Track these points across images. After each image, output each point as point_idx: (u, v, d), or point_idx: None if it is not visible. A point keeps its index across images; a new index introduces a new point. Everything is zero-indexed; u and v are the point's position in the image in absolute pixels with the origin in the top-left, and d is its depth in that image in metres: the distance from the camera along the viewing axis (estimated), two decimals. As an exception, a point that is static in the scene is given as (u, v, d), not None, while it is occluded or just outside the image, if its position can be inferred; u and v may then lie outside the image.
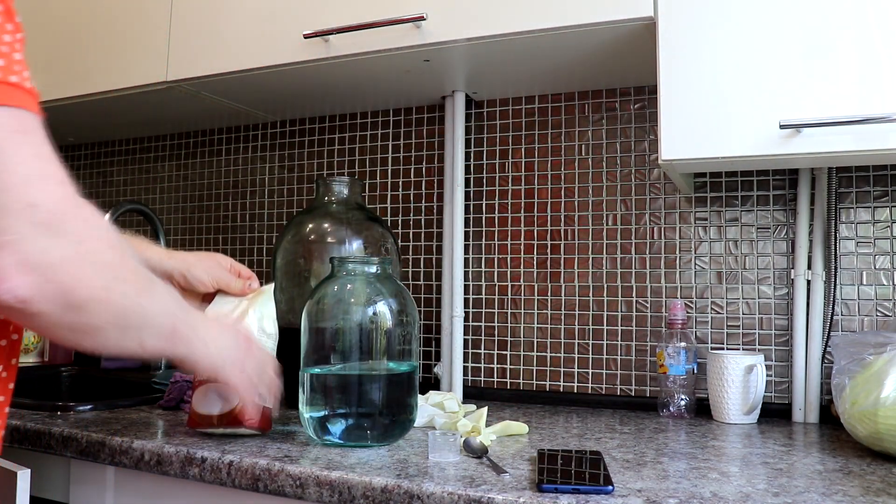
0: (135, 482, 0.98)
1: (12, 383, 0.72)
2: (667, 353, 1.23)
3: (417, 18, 1.13)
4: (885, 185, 1.21)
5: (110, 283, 0.61)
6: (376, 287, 0.99)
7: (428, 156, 1.55)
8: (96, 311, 0.61)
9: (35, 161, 0.55)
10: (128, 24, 1.43)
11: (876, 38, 0.92)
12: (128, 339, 0.67)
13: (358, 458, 0.87)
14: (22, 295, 0.55)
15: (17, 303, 0.55)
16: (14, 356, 0.72)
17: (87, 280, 0.59)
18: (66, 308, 0.58)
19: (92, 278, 0.59)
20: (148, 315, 0.69)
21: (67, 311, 0.58)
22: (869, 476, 0.83)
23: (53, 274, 0.56)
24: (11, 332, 0.70)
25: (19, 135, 0.55)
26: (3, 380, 0.71)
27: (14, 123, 0.54)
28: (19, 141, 0.54)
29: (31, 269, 0.55)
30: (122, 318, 0.64)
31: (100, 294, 0.60)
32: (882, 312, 1.20)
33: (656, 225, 1.35)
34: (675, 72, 1.02)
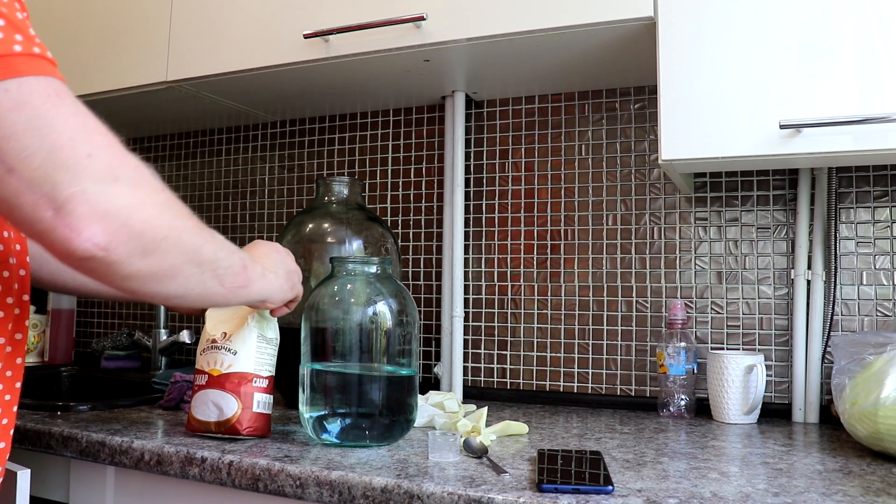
0: (135, 482, 0.98)
1: (19, 382, 0.73)
2: (667, 353, 1.23)
3: (417, 18, 1.13)
4: (885, 185, 1.21)
5: (173, 220, 0.62)
6: (376, 287, 0.99)
7: (428, 156, 1.55)
8: (170, 250, 0.62)
9: (75, 118, 0.57)
10: (128, 24, 1.43)
11: (876, 38, 0.92)
12: (207, 278, 0.69)
13: (358, 458, 0.87)
14: (100, 242, 0.56)
15: (98, 250, 0.56)
16: (19, 355, 0.72)
17: (153, 220, 0.60)
18: (142, 251, 0.59)
19: (157, 218, 0.60)
20: (216, 249, 0.70)
21: (144, 255, 0.60)
22: (869, 476, 0.83)
23: (124, 218, 0.57)
24: (14, 331, 0.71)
25: (55, 98, 0.56)
26: (8, 379, 0.71)
27: (47, 89, 0.56)
28: (56, 103, 0.56)
29: (102, 216, 0.56)
30: (194, 254, 0.66)
31: (168, 232, 0.61)
32: (882, 312, 1.20)
33: (656, 225, 1.35)
34: (675, 72, 1.02)
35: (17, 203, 0.55)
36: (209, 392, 0.95)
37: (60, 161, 0.55)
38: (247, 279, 0.77)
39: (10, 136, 0.53)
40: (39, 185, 0.54)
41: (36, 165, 0.54)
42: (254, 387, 0.95)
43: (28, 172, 0.54)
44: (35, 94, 0.55)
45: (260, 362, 0.97)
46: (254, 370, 0.96)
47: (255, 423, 0.95)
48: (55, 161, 0.54)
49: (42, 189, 0.54)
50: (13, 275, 0.71)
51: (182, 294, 0.67)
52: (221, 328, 0.98)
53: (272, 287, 0.85)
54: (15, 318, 0.71)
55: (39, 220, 0.55)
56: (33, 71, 0.56)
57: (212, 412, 0.95)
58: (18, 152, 0.54)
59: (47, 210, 0.55)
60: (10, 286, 0.70)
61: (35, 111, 0.54)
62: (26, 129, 0.54)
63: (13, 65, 0.54)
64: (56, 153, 0.55)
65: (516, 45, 1.16)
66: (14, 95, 0.54)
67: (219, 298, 0.74)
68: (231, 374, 0.95)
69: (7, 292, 0.69)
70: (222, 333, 0.98)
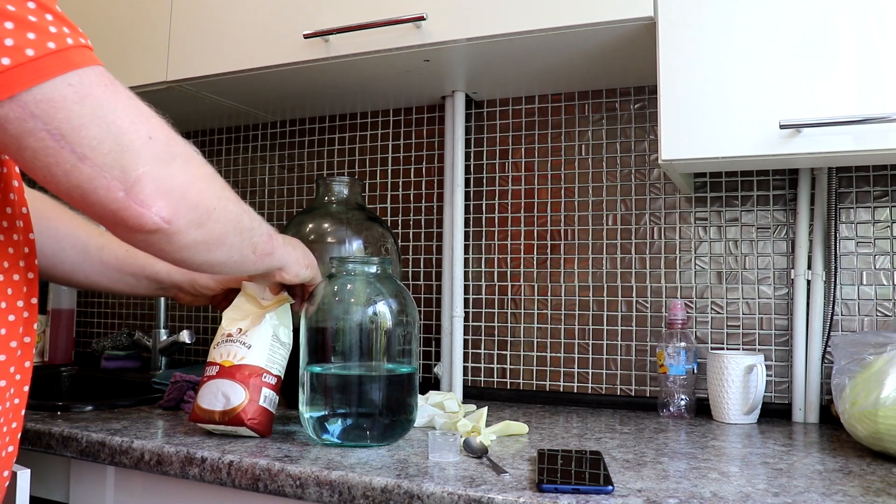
0: (135, 482, 0.98)
1: (27, 386, 0.73)
2: (667, 353, 1.23)
3: (417, 18, 1.13)
4: (885, 185, 1.21)
5: (220, 192, 0.69)
6: (376, 287, 0.99)
7: (428, 156, 1.55)
8: (219, 219, 0.69)
9: (130, 102, 0.61)
10: (128, 24, 1.43)
11: (876, 38, 0.92)
12: (245, 246, 0.76)
13: (358, 458, 0.87)
14: (166, 215, 0.62)
15: (164, 223, 0.62)
16: (28, 358, 0.72)
17: (207, 192, 0.66)
18: (199, 222, 0.66)
19: (209, 190, 0.67)
20: (251, 219, 0.77)
21: (200, 225, 0.66)
22: (869, 476, 0.83)
23: (183, 191, 0.63)
24: (24, 334, 0.71)
25: (111, 86, 0.60)
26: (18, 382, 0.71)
27: (102, 78, 0.60)
28: (112, 91, 0.60)
29: (166, 193, 0.62)
30: (237, 223, 0.73)
31: (217, 203, 0.68)
32: (882, 312, 1.20)
33: (656, 225, 1.35)
34: (675, 72, 1.02)
35: (92, 188, 0.59)
36: (218, 382, 0.95)
37: (126, 145, 0.59)
38: (272, 247, 0.84)
39: (80, 127, 0.57)
40: (110, 169, 0.59)
41: (106, 151, 0.58)
42: (263, 381, 0.95)
43: (100, 158, 0.58)
44: (95, 85, 0.58)
45: (272, 360, 0.97)
46: (265, 365, 0.96)
47: (259, 417, 0.95)
48: (122, 145, 0.59)
49: (112, 172, 0.59)
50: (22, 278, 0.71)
51: (224, 261, 0.74)
52: (238, 325, 0.98)
53: (291, 257, 0.90)
54: (24, 322, 0.71)
55: (113, 201, 0.60)
56: (87, 62, 0.59)
57: (218, 401, 0.94)
58: (89, 141, 0.57)
59: (119, 191, 0.59)
60: (19, 289, 0.70)
61: (97, 101, 0.58)
62: (93, 119, 0.58)
63: (70, 58, 0.57)
64: (122, 138, 0.59)
65: (516, 45, 1.16)
66: (77, 88, 0.57)
67: (250, 265, 0.81)
68: (243, 366, 0.95)
69: (17, 295, 0.70)
70: (238, 329, 0.98)
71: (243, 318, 0.99)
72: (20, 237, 0.71)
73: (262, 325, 0.97)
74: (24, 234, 0.72)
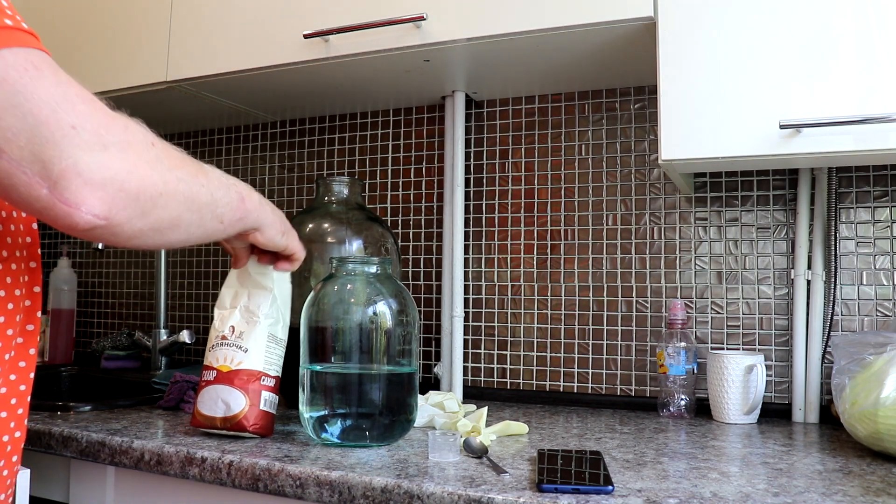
0: (135, 482, 0.98)
1: (32, 373, 0.72)
2: (667, 353, 1.23)
3: (417, 18, 1.13)
4: (885, 185, 1.21)
5: (166, 174, 0.63)
6: (376, 287, 0.99)
7: (428, 156, 1.55)
8: (168, 204, 0.63)
9: (56, 89, 0.55)
10: (128, 24, 1.43)
11: (876, 38, 0.92)
12: (207, 220, 0.71)
13: (358, 458, 0.87)
14: (100, 212, 0.56)
15: (100, 220, 0.57)
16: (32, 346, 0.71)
17: (148, 179, 0.60)
18: (142, 211, 0.60)
19: (151, 176, 0.61)
20: (213, 191, 0.72)
21: (145, 215, 0.61)
22: (869, 476, 0.83)
23: (119, 183, 0.57)
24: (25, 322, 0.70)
25: (33, 70, 0.55)
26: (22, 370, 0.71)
27: (24, 62, 0.54)
28: (35, 76, 0.54)
29: (97, 186, 0.56)
30: (192, 202, 0.67)
31: (164, 187, 0.62)
32: (882, 312, 1.20)
33: (656, 225, 1.35)
34: (675, 72, 1.02)
35: (12, 184, 0.54)
36: (217, 388, 0.95)
37: (46, 137, 0.53)
38: (245, 210, 0.79)
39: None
40: (29, 164, 0.53)
41: (22, 144, 0.53)
42: (262, 385, 0.95)
43: (16, 152, 0.53)
44: (11, 69, 0.53)
45: (269, 361, 0.97)
46: (263, 368, 0.96)
47: (260, 422, 0.95)
48: (40, 137, 0.53)
49: (33, 168, 0.53)
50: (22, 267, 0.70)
51: (185, 239, 0.70)
52: (229, 323, 0.98)
53: (267, 217, 0.86)
54: (26, 310, 0.71)
55: (37, 199, 0.54)
56: (7, 43, 0.53)
57: (219, 408, 0.95)
58: (3, 132, 0.52)
59: (42, 188, 0.54)
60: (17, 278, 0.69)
61: (12, 87, 0.53)
62: (6, 108, 0.52)
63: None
64: (40, 129, 0.53)
65: (516, 45, 1.16)
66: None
67: (220, 234, 0.77)
68: (240, 371, 0.95)
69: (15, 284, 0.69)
70: (230, 328, 0.98)
71: (233, 315, 0.98)
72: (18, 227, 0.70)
73: (257, 326, 0.97)
74: (26, 224, 0.72)
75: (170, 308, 1.80)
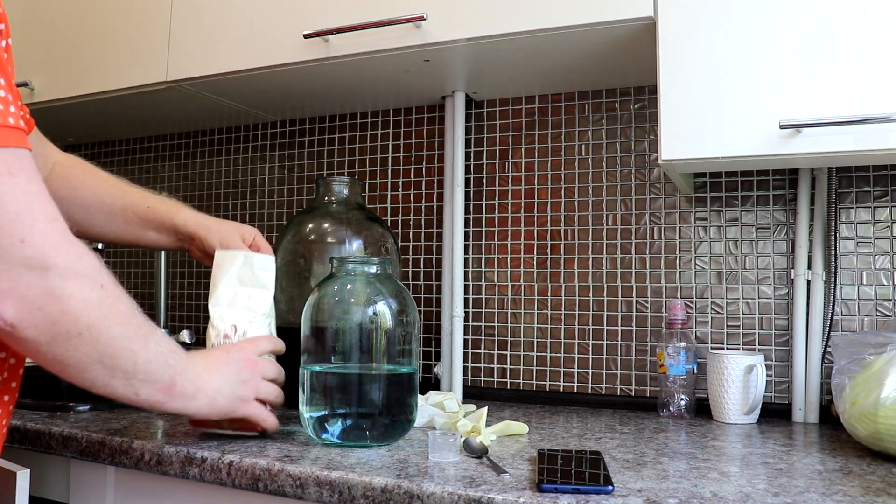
0: (135, 482, 0.98)
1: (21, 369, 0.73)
2: (667, 353, 1.23)
3: (417, 18, 1.13)
4: (885, 185, 1.21)
5: (97, 321, 0.65)
6: (376, 287, 0.99)
7: (428, 156, 1.55)
8: (81, 347, 0.64)
9: (25, 199, 0.59)
10: (128, 24, 1.43)
11: (876, 38, 0.92)
12: (117, 383, 0.71)
13: (358, 458, 0.87)
14: (9, 319, 0.59)
15: (6, 325, 0.59)
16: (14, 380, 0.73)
17: (73, 315, 0.62)
18: (52, 338, 0.62)
19: (79, 314, 0.63)
20: (139, 362, 0.72)
21: (54, 342, 0.62)
22: (869, 476, 0.83)
23: (41, 305, 0.60)
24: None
25: (7, 176, 0.58)
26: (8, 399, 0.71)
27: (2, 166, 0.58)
28: (7, 182, 0.58)
29: (19, 298, 0.59)
30: (108, 359, 0.68)
31: (86, 332, 0.64)
32: (882, 312, 1.20)
33: (656, 225, 1.35)
34: (675, 72, 1.02)
35: None
36: None
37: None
38: (169, 395, 0.78)
39: None
40: None
41: None
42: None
43: None
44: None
45: (270, 360, 0.97)
46: None
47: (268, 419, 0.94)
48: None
49: None
50: None
51: (88, 386, 0.70)
52: (230, 321, 0.97)
53: (198, 407, 0.83)
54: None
55: None
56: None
57: None
58: None
59: None
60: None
61: None
62: None
63: None
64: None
65: (516, 45, 1.16)
66: None
67: (133, 403, 0.76)
68: None
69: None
70: (233, 327, 0.97)
71: (231, 312, 0.97)
72: None
73: (261, 327, 0.97)
74: None
75: (170, 308, 1.80)
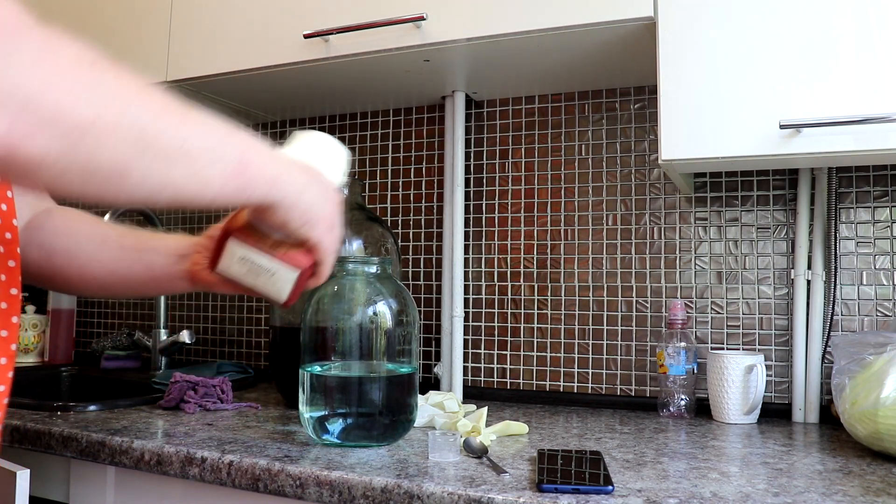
0: (135, 482, 0.98)
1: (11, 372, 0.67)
2: (667, 353, 1.23)
3: (417, 18, 1.13)
4: (885, 185, 1.21)
5: (109, 99, 0.49)
6: (376, 287, 0.99)
7: (428, 156, 1.55)
8: (107, 137, 0.49)
9: None
10: (128, 24, 1.43)
11: (876, 38, 0.92)
12: (177, 176, 0.54)
13: (358, 458, 0.87)
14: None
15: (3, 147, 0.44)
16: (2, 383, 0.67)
17: (74, 97, 0.47)
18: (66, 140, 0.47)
19: (81, 96, 0.47)
20: (187, 138, 0.54)
21: (73, 145, 0.47)
22: (869, 476, 0.83)
23: (24, 99, 0.44)
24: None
25: None
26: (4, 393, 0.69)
27: None
28: None
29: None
30: (148, 142, 0.51)
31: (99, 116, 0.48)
32: (882, 312, 1.20)
33: (656, 225, 1.35)
34: (675, 72, 1.02)
35: None
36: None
37: None
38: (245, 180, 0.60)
39: None
40: None
41: None
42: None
43: None
44: None
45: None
46: None
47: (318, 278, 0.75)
48: None
49: None
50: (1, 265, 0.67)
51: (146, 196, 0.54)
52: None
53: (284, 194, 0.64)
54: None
55: None
56: None
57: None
58: None
59: None
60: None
61: None
62: None
63: None
64: None
65: (516, 45, 1.16)
66: None
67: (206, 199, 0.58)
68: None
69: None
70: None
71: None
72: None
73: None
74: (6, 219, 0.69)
75: (170, 308, 1.80)
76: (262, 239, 0.70)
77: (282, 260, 0.70)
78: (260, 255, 0.70)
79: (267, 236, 0.70)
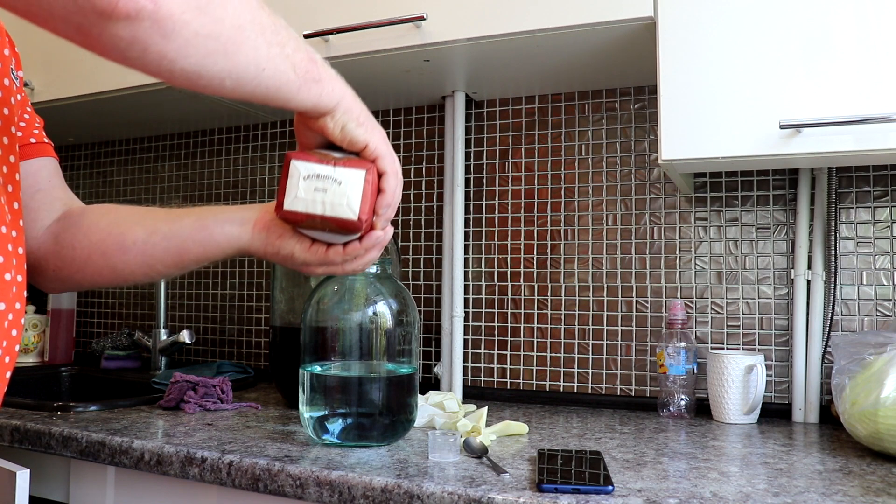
0: (135, 482, 0.98)
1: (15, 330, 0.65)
2: (667, 353, 1.23)
3: (417, 18, 1.13)
4: (885, 185, 1.21)
5: None
6: (376, 287, 0.99)
7: (428, 156, 1.55)
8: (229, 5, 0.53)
9: None
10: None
11: (876, 38, 0.92)
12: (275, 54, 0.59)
13: (358, 458, 0.87)
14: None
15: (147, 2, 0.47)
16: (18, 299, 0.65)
17: None
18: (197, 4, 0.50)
19: None
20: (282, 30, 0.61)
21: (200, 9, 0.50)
22: (869, 476, 0.83)
23: None
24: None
25: None
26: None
27: None
28: None
29: None
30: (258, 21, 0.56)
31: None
32: (882, 312, 1.20)
33: (656, 225, 1.35)
34: (675, 72, 1.02)
35: None
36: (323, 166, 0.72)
37: None
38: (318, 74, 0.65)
39: None
40: None
41: None
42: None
43: None
44: None
45: None
46: None
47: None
48: None
49: None
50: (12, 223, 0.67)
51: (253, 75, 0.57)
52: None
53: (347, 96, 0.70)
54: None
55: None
56: None
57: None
58: None
59: None
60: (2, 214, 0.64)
61: None
62: None
63: None
64: None
65: (516, 45, 1.16)
66: None
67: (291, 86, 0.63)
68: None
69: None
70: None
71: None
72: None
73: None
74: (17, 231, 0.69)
75: (170, 308, 1.80)
76: (322, 158, 0.71)
77: (346, 165, 0.70)
78: (323, 167, 0.70)
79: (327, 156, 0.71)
